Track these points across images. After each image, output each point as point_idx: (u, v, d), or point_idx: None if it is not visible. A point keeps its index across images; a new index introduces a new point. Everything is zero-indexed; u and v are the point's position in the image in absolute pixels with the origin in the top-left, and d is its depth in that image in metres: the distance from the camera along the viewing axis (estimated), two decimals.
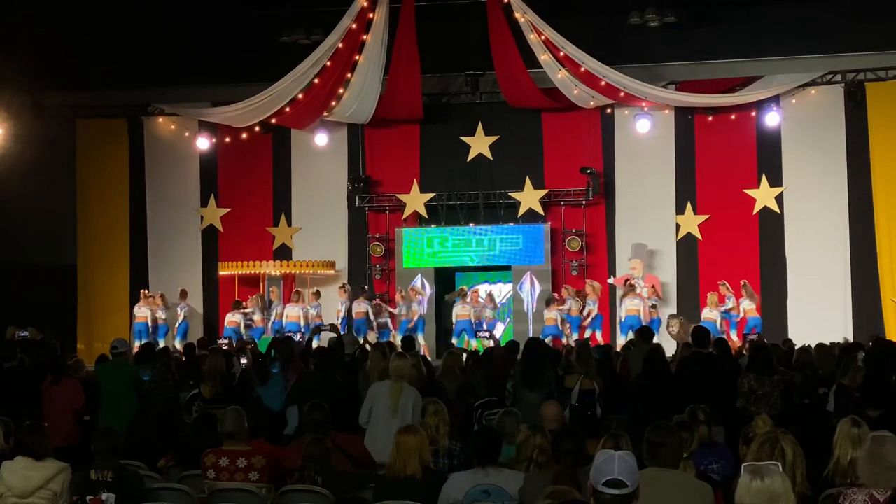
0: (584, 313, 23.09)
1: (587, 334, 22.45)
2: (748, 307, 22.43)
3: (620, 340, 21.53)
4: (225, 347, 17.17)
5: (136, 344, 22.10)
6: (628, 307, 22.34)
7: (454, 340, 22.70)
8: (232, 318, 23.49)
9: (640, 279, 23.40)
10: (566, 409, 10.23)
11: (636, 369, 11.94)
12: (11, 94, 22.28)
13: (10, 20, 20.35)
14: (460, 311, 23.05)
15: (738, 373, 11.23)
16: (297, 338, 20.34)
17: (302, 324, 23.06)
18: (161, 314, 24.06)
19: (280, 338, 17.50)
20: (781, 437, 6.04)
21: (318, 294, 24.00)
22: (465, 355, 14.85)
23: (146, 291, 24.36)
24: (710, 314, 22.34)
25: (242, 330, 23.24)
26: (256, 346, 16.10)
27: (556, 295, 23.24)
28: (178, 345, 22.83)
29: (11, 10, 20.44)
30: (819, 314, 22.49)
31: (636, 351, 12.94)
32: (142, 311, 23.85)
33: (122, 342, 12.51)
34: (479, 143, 25.10)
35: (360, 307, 23.45)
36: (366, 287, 24.29)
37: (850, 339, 18.60)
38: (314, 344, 18.75)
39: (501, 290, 24.64)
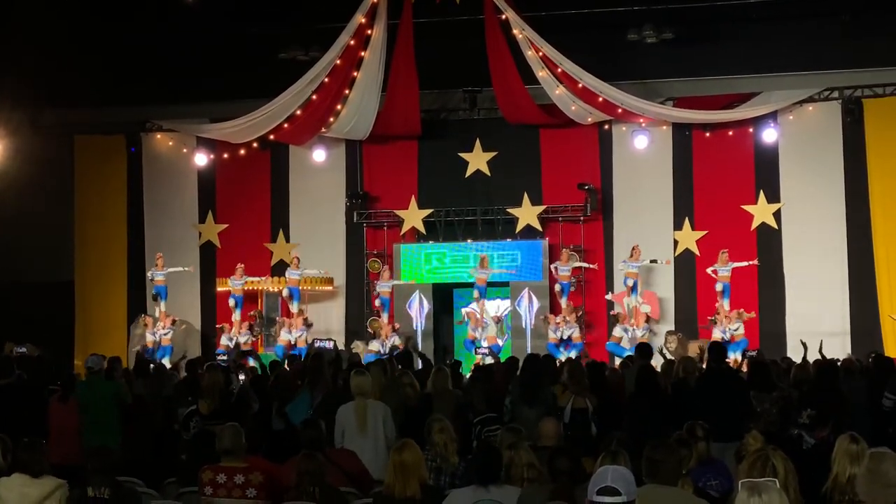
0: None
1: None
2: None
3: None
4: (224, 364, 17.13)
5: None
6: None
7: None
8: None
9: (639, 295, 23.44)
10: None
11: (632, 387, 11.90)
12: (9, 110, 22.29)
13: (8, 37, 20.37)
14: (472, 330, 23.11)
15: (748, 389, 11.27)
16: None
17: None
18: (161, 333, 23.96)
19: (313, 353, 17.43)
20: (772, 454, 6.02)
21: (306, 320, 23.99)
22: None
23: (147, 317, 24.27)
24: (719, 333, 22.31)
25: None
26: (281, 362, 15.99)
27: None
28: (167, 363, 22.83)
29: (9, 27, 20.46)
30: (817, 331, 22.41)
31: (634, 368, 12.91)
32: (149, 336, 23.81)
33: (96, 360, 12.25)
34: (477, 160, 25.12)
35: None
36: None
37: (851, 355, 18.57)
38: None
39: (499, 307, 24.58)
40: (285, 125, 24.17)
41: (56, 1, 19.55)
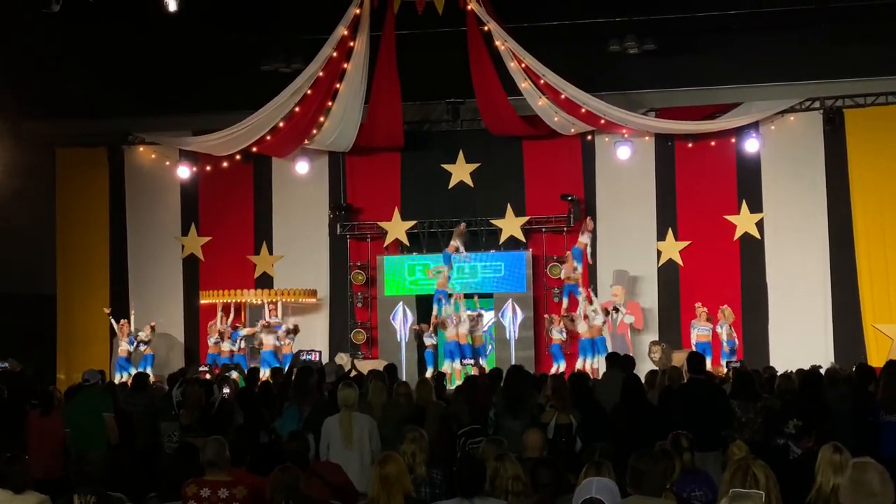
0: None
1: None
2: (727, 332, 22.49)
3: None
4: (206, 377, 17.06)
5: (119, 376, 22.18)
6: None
7: (446, 364, 22.61)
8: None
9: (623, 305, 23.47)
10: None
11: (609, 397, 11.83)
12: None
13: None
14: (450, 334, 23.06)
15: (727, 399, 11.29)
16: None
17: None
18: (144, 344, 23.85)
19: (299, 367, 17.40)
20: (753, 464, 6.02)
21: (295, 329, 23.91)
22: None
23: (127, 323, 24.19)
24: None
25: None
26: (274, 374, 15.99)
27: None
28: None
29: None
30: (800, 340, 22.53)
31: (618, 379, 12.86)
32: (123, 345, 23.71)
33: (92, 373, 12.23)
34: (461, 171, 25.14)
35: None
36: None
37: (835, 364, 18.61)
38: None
39: (483, 318, 24.55)
40: (268, 137, 24.13)
41: (37, 12, 19.43)
